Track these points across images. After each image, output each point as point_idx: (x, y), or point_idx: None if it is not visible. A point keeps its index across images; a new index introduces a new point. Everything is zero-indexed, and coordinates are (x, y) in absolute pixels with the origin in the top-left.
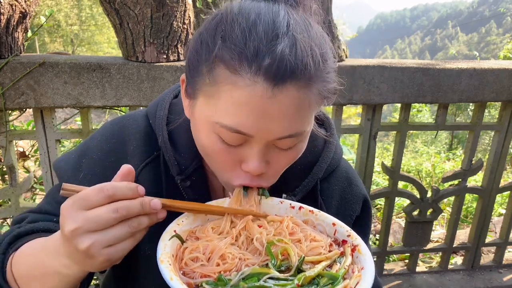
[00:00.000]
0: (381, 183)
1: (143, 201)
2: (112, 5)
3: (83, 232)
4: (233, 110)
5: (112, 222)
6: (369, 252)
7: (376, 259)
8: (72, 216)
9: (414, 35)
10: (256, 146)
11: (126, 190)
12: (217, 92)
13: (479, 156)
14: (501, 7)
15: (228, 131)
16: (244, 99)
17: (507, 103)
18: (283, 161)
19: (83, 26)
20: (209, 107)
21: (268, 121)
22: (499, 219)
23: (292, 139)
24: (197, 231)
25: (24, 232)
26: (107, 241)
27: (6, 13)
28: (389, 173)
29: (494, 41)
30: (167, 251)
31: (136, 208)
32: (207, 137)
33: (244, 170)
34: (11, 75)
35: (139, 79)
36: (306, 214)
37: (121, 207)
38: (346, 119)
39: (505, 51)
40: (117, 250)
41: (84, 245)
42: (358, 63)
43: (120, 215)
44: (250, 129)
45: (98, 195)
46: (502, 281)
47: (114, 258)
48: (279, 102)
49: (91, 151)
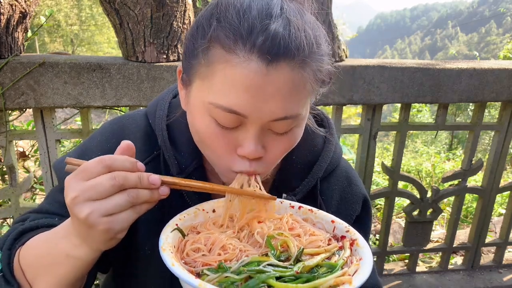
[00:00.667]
0: (381, 183)
1: (140, 175)
2: (112, 5)
3: (82, 201)
4: (227, 89)
5: (110, 189)
6: (367, 245)
7: (376, 259)
8: (72, 186)
9: (414, 35)
10: (252, 129)
11: (125, 162)
12: (212, 72)
13: (479, 156)
14: (501, 7)
15: (222, 111)
16: (238, 77)
17: (507, 103)
18: (279, 147)
19: (83, 26)
20: (204, 89)
21: (262, 100)
22: (499, 219)
23: (287, 121)
24: (199, 226)
25: (29, 227)
26: (105, 209)
27: (6, 13)
28: (389, 173)
29: (494, 41)
30: (169, 241)
31: (134, 179)
32: (202, 121)
33: (240, 155)
34: (11, 75)
35: (139, 79)
36: (306, 212)
37: (118, 175)
38: (346, 119)
39: (505, 51)
40: (117, 220)
41: (83, 213)
42: (358, 63)
43: (118, 182)
44: (245, 109)
45: (97, 165)
46: (502, 281)
47: (115, 229)
48: (273, 80)
49: (91, 151)
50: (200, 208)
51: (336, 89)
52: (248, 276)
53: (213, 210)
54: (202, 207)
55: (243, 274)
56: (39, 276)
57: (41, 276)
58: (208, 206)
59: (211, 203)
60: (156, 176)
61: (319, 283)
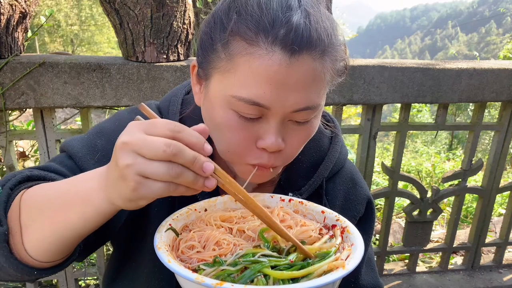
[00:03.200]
0: (381, 183)
1: (198, 156)
2: (112, 5)
3: (131, 149)
4: (250, 81)
5: (159, 154)
6: (357, 232)
7: (376, 259)
8: (131, 132)
9: (414, 35)
10: (273, 121)
11: (192, 137)
12: (233, 66)
13: (479, 156)
14: (501, 7)
15: (245, 103)
16: (261, 69)
17: (507, 103)
18: (298, 139)
19: (83, 26)
20: (225, 83)
21: (285, 92)
22: (499, 219)
23: (308, 112)
24: (191, 225)
25: (37, 175)
26: (143, 169)
27: (6, 13)
28: (389, 173)
29: (494, 41)
30: (163, 240)
31: (188, 157)
32: (223, 114)
33: (260, 148)
34: (11, 75)
35: (139, 79)
36: (296, 205)
37: (175, 145)
38: (346, 119)
39: (505, 51)
40: (148, 185)
41: (124, 161)
42: (358, 63)
43: (170, 152)
44: (268, 101)
45: (165, 126)
46: (502, 281)
47: (141, 194)
48: (296, 71)
49: (108, 133)
50: (192, 208)
51: (336, 89)
52: (243, 267)
53: (205, 209)
54: (194, 207)
55: (239, 265)
56: (38, 219)
57: (40, 219)
58: (200, 206)
59: (201, 203)
60: (210, 165)
61: (314, 269)
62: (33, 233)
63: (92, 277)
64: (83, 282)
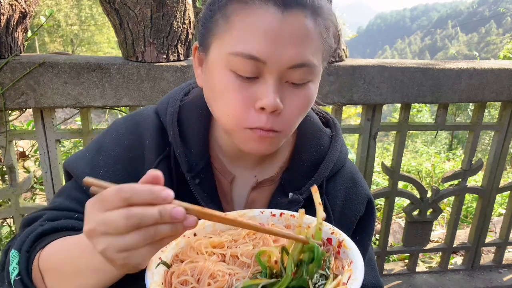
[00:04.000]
0: (381, 183)
1: (162, 210)
2: (112, 5)
3: (99, 234)
4: (245, 35)
5: (123, 229)
6: (355, 246)
7: (376, 259)
8: (90, 216)
9: (414, 35)
10: (270, 79)
11: (146, 194)
12: (229, 25)
13: (479, 156)
14: (501, 7)
15: (242, 58)
16: (255, 24)
17: (507, 103)
18: (296, 102)
19: (83, 26)
20: (222, 45)
21: (280, 45)
22: (499, 219)
23: (303, 71)
24: (181, 254)
25: (49, 229)
26: (120, 246)
27: (6, 13)
28: (389, 173)
29: (494, 41)
30: (156, 280)
31: (152, 217)
32: (222, 76)
33: (258, 109)
34: (11, 75)
35: (139, 79)
36: (288, 219)
37: (133, 215)
38: (346, 119)
39: (505, 51)
40: (134, 256)
41: (100, 247)
42: (358, 63)
43: (132, 223)
44: (263, 54)
45: (114, 196)
46: (502, 281)
47: (133, 264)
48: (288, 25)
49: (108, 148)
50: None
51: (336, 89)
52: None
53: (194, 234)
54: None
55: None
56: (61, 284)
57: (62, 284)
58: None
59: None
60: (180, 210)
61: None
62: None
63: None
64: None
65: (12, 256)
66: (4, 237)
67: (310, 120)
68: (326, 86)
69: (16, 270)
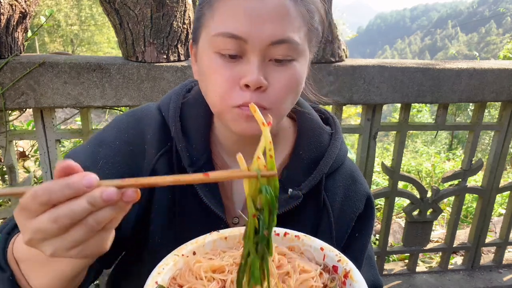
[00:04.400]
0: (381, 183)
1: (90, 198)
2: (112, 5)
3: (39, 241)
4: (226, 17)
5: (58, 231)
6: (362, 279)
7: (376, 259)
8: (21, 226)
9: (414, 35)
10: (253, 57)
11: (65, 190)
12: (213, 13)
13: (479, 156)
14: (501, 7)
15: (223, 38)
16: (235, 5)
17: (507, 103)
18: (281, 79)
19: (83, 26)
20: (207, 31)
21: (259, 23)
22: (499, 219)
23: (285, 47)
24: (179, 277)
25: None
26: (67, 245)
27: (6, 13)
28: (389, 173)
29: (494, 41)
30: None
31: (83, 209)
32: (208, 59)
33: (242, 86)
34: (11, 75)
35: (139, 79)
36: (292, 240)
37: (61, 215)
38: (346, 119)
39: (505, 51)
40: (89, 247)
41: (48, 252)
42: (358, 63)
43: (63, 223)
44: (243, 32)
45: (32, 203)
46: (502, 281)
47: (92, 253)
48: (267, 4)
49: (109, 141)
50: (179, 253)
51: (336, 89)
52: None
53: (193, 253)
54: (181, 252)
55: None
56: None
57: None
58: (187, 250)
59: (189, 247)
60: (111, 190)
61: None
62: (34, 280)
63: None
64: None
65: None
66: None
67: (310, 118)
68: (326, 86)
69: None
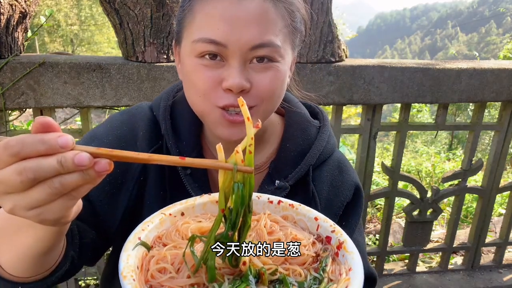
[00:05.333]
0: (381, 183)
1: (62, 158)
2: (112, 5)
3: (1, 194)
4: (205, 22)
5: (21, 185)
6: (356, 250)
7: (376, 259)
8: None
9: (414, 35)
10: (233, 62)
11: (38, 145)
12: (193, 17)
13: (479, 156)
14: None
15: (203, 44)
16: (213, 9)
17: (507, 103)
18: (264, 80)
19: (83, 26)
20: (188, 35)
21: (238, 28)
22: (499, 219)
23: (266, 50)
24: (164, 236)
25: None
26: (27, 204)
27: (6, 13)
28: (389, 173)
29: (494, 41)
30: (130, 264)
31: (51, 168)
32: (190, 63)
33: (225, 89)
34: (11, 75)
35: (139, 79)
36: (286, 208)
37: (27, 168)
38: (346, 119)
39: (505, 51)
40: (48, 211)
41: (6, 207)
42: (358, 63)
43: (26, 178)
44: (223, 37)
45: (3, 153)
46: (502, 281)
47: (51, 219)
48: (245, 8)
49: (101, 136)
50: (167, 212)
51: (336, 89)
52: None
53: (182, 213)
54: (169, 211)
55: None
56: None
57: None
58: (175, 210)
59: (178, 207)
60: (84, 155)
61: None
62: (1, 257)
63: (92, 277)
64: (83, 282)
65: None
66: None
67: (298, 112)
68: (326, 86)
69: None
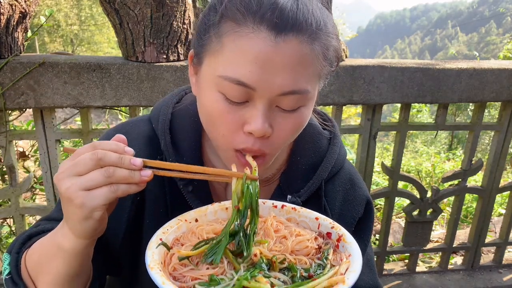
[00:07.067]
0: (381, 183)
1: (123, 156)
2: (112, 5)
3: (66, 176)
4: (236, 59)
5: (89, 164)
6: (354, 240)
7: (376, 259)
8: (62, 165)
9: (414, 35)
10: (259, 105)
11: (111, 145)
12: (221, 46)
13: (479, 156)
14: (501, 7)
15: (231, 83)
16: (247, 47)
17: (507, 103)
18: (287, 127)
19: (83, 26)
20: (213, 64)
21: (271, 72)
22: (499, 219)
23: (295, 97)
24: (182, 238)
25: (35, 232)
26: (81, 183)
27: (6, 13)
28: (389, 173)
29: (494, 41)
30: (155, 258)
31: (113, 157)
32: (211, 97)
33: (246, 132)
34: (11, 75)
35: (139, 79)
36: (289, 212)
37: (98, 152)
38: (346, 119)
39: (505, 51)
40: (93, 195)
41: (64, 187)
42: (358, 63)
43: (96, 157)
44: (253, 81)
45: (85, 147)
46: (502, 281)
47: (90, 205)
48: (282, 52)
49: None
50: (182, 219)
51: (336, 89)
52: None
53: (196, 220)
54: (185, 218)
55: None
56: (39, 275)
57: (40, 274)
58: (190, 216)
59: (192, 214)
60: (139, 159)
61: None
62: (42, 286)
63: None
64: None
65: (4, 258)
66: (4, 237)
67: (309, 123)
68: (326, 86)
69: (7, 270)
